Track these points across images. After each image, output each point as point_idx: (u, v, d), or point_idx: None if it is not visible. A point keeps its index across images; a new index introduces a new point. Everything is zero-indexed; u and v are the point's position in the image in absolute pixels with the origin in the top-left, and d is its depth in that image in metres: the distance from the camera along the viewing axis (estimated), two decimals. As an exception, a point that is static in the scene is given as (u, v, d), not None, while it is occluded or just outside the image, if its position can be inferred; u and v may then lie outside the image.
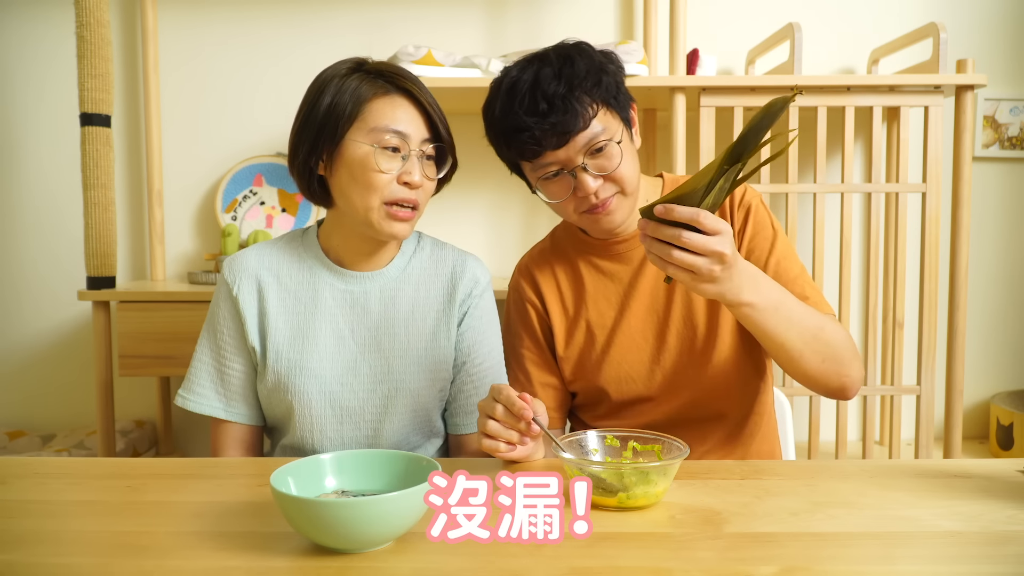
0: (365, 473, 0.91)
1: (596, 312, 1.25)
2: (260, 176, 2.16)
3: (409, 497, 0.79)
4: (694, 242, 0.91)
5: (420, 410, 1.22)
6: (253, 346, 1.20)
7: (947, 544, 0.83)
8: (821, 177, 1.88)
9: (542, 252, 1.34)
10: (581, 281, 1.27)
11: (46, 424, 2.23)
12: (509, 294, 1.34)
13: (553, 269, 1.30)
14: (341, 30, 2.17)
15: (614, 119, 1.15)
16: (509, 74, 1.16)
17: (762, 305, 1.01)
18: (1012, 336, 2.25)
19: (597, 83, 1.13)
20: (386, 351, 1.20)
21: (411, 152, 1.14)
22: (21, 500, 0.98)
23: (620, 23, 2.19)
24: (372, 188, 1.13)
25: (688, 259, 0.92)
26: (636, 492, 0.92)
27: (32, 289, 2.23)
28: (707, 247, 0.92)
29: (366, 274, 1.22)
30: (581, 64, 1.13)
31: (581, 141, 1.12)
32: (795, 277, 1.18)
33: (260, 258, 1.23)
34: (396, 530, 0.81)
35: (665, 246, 0.93)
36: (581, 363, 1.26)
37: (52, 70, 2.18)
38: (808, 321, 1.06)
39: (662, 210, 0.92)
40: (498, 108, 1.16)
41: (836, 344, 1.08)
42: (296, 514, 0.79)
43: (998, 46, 2.17)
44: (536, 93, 1.11)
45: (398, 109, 1.15)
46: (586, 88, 1.11)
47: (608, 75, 1.14)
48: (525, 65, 1.15)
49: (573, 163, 1.13)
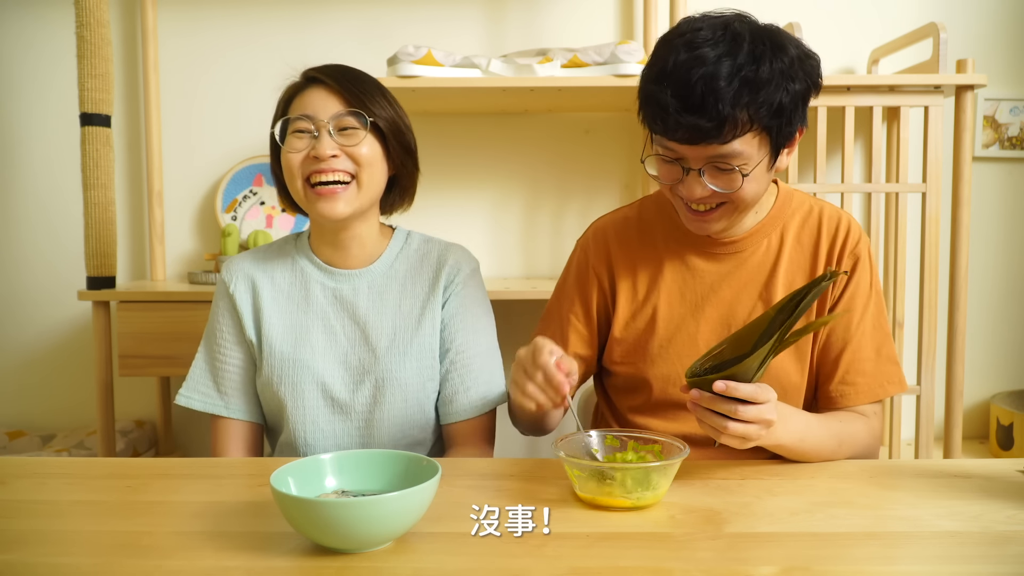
0: (365, 473, 0.91)
1: (667, 304, 1.20)
2: (260, 176, 2.16)
3: (409, 497, 0.79)
4: (750, 415, 0.94)
5: (411, 401, 1.23)
6: (251, 339, 1.24)
7: (947, 544, 0.83)
8: (821, 177, 1.88)
9: (626, 221, 1.27)
10: (661, 267, 1.21)
11: (46, 424, 2.23)
12: (576, 251, 1.29)
13: (632, 245, 1.24)
14: (341, 30, 2.17)
15: (762, 145, 1.06)
16: (697, 36, 1.02)
17: (791, 443, 1.05)
18: (1012, 336, 2.25)
19: (770, 101, 1.02)
20: (373, 344, 1.23)
21: (321, 128, 1.17)
22: (21, 500, 0.98)
23: (620, 23, 2.19)
24: (290, 172, 1.18)
25: (741, 429, 0.95)
26: (636, 492, 0.92)
27: (32, 289, 2.23)
28: (760, 417, 0.94)
29: (354, 272, 1.26)
30: (769, 68, 1.01)
31: (710, 151, 1.04)
32: (870, 355, 1.17)
33: (255, 261, 1.28)
34: (396, 530, 0.81)
35: (722, 419, 0.95)
36: (635, 350, 1.21)
37: (52, 70, 2.18)
38: (828, 443, 1.10)
39: (722, 387, 0.93)
40: (657, 65, 1.04)
41: (854, 454, 1.14)
42: (296, 514, 0.80)
43: (998, 46, 2.17)
44: (699, 82, 0.99)
45: (307, 97, 1.19)
46: (755, 101, 1.01)
47: (789, 92, 1.03)
48: (717, 38, 1.02)
49: (690, 163, 1.07)
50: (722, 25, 1.04)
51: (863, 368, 1.16)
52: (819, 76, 1.09)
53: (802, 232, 1.20)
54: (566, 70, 1.86)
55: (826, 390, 1.18)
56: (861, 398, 1.16)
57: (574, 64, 1.86)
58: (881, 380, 1.17)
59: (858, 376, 1.16)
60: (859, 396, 1.16)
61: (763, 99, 1.01)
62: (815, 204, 1.22)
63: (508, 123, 2.19)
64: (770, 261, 1.19)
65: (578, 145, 2.19)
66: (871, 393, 1.17)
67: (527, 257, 2.22)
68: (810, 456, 1.10)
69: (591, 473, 0.94)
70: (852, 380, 1.16)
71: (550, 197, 2.20)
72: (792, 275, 1.18)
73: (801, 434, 1.06)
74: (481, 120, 2.18)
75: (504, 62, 1.86)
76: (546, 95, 1.93)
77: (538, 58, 1.87)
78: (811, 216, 1.20)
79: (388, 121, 1.20)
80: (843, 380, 1.17)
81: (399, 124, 1.22)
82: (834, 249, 1.18)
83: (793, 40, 1.07)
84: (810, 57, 1.08)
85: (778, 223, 1.20)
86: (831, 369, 1.18)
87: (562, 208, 2.20)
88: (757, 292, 1.18)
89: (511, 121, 2.19)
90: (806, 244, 1.19)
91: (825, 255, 1.18)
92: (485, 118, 2.18)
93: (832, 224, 1.19)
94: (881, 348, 1.18)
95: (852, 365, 1.16)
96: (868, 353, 1.17)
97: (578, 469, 0.95)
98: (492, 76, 1.85)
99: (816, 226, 1.19)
